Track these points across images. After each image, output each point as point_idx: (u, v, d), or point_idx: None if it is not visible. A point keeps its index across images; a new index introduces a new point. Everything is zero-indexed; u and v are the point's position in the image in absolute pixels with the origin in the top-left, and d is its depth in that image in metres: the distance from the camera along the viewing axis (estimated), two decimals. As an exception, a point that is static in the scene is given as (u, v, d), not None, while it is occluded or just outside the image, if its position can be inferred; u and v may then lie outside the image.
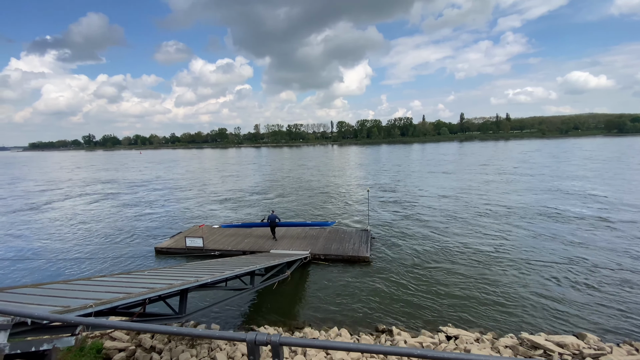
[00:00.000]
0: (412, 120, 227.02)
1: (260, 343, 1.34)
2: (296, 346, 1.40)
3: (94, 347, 8.73)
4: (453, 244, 17.01)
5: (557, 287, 12.20)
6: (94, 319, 3.08)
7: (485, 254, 15.57)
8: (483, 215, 22.56)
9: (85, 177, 58.41)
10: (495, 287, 12.32)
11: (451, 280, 12.94)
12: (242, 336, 1.36)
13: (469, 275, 13.32)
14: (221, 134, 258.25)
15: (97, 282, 5.97)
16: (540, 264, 14.19)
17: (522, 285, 12.36)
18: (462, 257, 15.31)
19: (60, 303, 4.23)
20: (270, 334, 1.35)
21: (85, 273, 15.22)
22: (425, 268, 14.24)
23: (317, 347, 1.31)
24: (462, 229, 19.66)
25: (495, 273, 13.48)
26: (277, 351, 1.29)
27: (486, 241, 17.35)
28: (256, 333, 1.36)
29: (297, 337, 1.47)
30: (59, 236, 21.41)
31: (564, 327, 9.78)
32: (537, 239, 17.43)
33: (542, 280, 12.71)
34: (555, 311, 10.64)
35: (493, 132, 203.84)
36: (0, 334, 3.25)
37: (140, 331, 8.15)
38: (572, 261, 14.41)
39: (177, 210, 28.46)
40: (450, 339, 9.31)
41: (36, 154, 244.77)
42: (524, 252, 15.62)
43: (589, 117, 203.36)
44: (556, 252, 15.46)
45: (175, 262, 16.38)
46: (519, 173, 43.40)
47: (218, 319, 10.92)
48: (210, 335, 1.65)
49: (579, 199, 26.14)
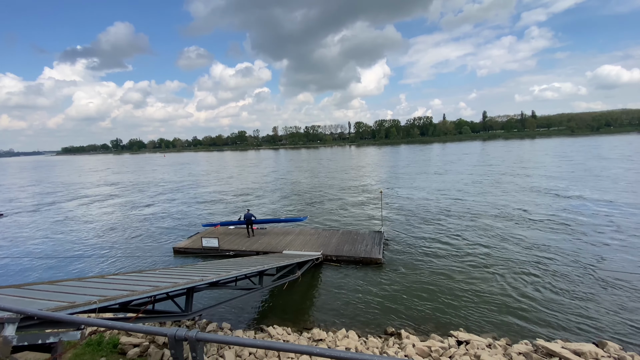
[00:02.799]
0: (432, 120, 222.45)
1: (180, 338, 1.40)
2: (215, 342, 1.43)
3: (110, 342, 9.15)
4: (469, 249, 16.54)
5: (578, 292, 11.62)
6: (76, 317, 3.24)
7: (502, 258, 15.05)
8: (503, 219, 21.81)
9: (115, 179, 61.16)
10: (512, 291, 11.89)
11: (465, 285, 12.60)
12: (164, 331, 1.42)
13: (484, 280, 12.93)
14: (241, 136, 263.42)
15: (108, 280, 6.27)
16: (560, 269, 13.57)
17: (540, 290, 11.86)
18: (477, 261, 14.87)
19: (68, 299, 4.47)
20: (190, 329, 1.40)
21: (106, 271, 15.95)
22: (438, 271, 13.93)
23: (236, 344, 1.35)
24: (479, 233, 19.08)
25: (511, 278, 13.00)
26: (194, 346, 1.34)
27: (504, 246, 16.75)
28: (177, 329, 1.41)
29: (216, 334, 1.52)
30: (86, 235, 22.52)
31: (583, 334, 9.31)
32: (561, 244, 16.67)
33: (562, 286, 12.14)
34: (574, 317, 10.15)
35: (518, 131, 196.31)
36: (8, 327, 3.48)
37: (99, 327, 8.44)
38: (596, 267, 13.68)
39: (196, 210, 29.25)
40: (461, 344, 9.07)
41: (68, 157, 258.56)
42: (544, 256, 14.97)
43: (622, 113, 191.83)
44: (580, 256, 14.73)
45: (192, 261, 16.87)
46: (558, 175, 41.62)
47: (228, 318, 11.14)
48: (137, 329, 1.72)
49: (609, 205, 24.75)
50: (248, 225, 18.83)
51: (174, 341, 1.41)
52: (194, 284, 6.47)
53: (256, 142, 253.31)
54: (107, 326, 2.02)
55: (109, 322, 2.07)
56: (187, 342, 1.36)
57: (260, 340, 1.35)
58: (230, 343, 1.41)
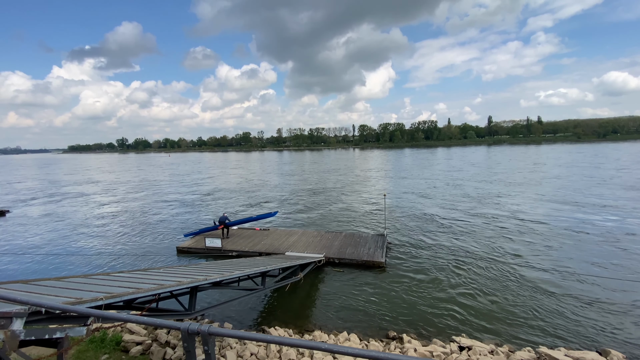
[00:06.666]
0: (437, 124, 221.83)
1: (193, 332, 1.45)
2: (226, 337, 1.48)
3: (113, 339, 9.23)
4: (472, 254, 16.46)
5: (583, 299, 11.51)
6: (92, 310, 3.30)
7: (506, 264, 14.96)
8: (509, 226, 21.69)
9: (120, 179, 61.68)
10: (516, 298, 11.81)
11: (468, 290, 12.53)
12: (177, 325, 1.47)
13: (487, 286, 12.85)
14: (245, 137, 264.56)
15: (113, 277, 6.34)
16: (564, 277, 13.46)
17: (545, 297, 11.77)
18: (481, 267, 14.79)
19: (75, 295, 4.54)
20: (203, 324, 1.44)
21: (110, 268, 16.07)
22: (441, 276, 13.88)
23: (246, 339, 1.38)
24: (484, 239, 18.99)
25: (516, 285, 12.92)
26: (206, 340, 1.39)
27: (508, 252, 16.65)
28: (189, 323, 1.46)
29: (228, 329, 1.55)
30: (97, 233, 22.72)
31: (586, 342, 9.22)
32: (566, 252, 16.54)
33: (565, 293, 12.04)
34: (577, 325, 10.06)
35: (523, 136, 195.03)
36: (16, 321, 3.54)
37: (123, 321, 8.49)
38: (601, 274, 13.55)
39: (201, 210, 29.39)
40: (463, 349, 9.02)
41: (74, 156, 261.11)
42: (548, 265, 14.86)
43: (629, 120, 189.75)
44: (584, 264, 14.61)
45: (195, 261, 16.97)
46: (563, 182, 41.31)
47: (230, 318, 11.18)
48: (151, 323, 1.77)
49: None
50: (225, 227, 19.23)
51: (187, 335, 1.45)
52: (197, 283, 6.53)
53: (260, 143, 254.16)
54: (123, 319, 2.07)
55: (125, 315, 2.13)
56: (199, 335, 1.41)
57: (270, 336, 1.38)
58: (242, 338, 1.45)
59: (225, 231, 19.31)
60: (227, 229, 19.46)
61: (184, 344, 1.52)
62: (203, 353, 1.63)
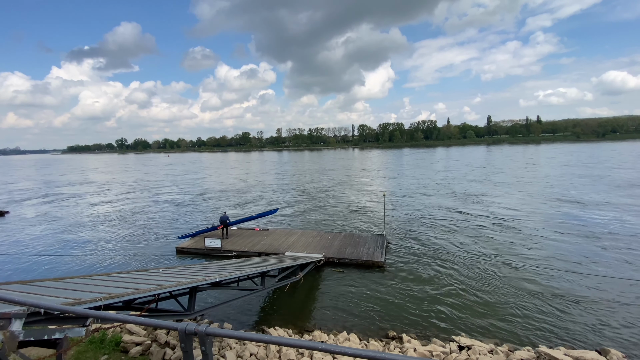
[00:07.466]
0: (437, 124, 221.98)
1: (190, 332, 1.45)
2: (223, 337, 1.48)
3: (113, 340, 9.22)
4: (472, 254, 16.47)
5: (582, 299, 11.53)
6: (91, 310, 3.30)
7: (505, 264, 14.97)
8: (508, 226, 21.71)
9: (120, 179, 61.62)
10: (515, 297, 11.82)
11: (467, 290, 12.54)
12: (174, 325, 1.47)
13: (487, 285, 12.87)
14: (244, 138, 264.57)
15: (112, 278, 6.33)
16: (564, 276, 13.47)
17: (544, 297, 11.78)
18: (481, 267, 14.80)
19: (74, 296, 4.54)
20: (200, 325, 1.45)
21: (109, 269, 16.05)
22: (440, 276, 13.89)
23: (244, 339, 1.38)
24: (483, 239, 19.00)
25: (515, 284, 12.93)
26: (203, 340, 1.39)
27: (508, 252, 16.67)
28: (187, 323, 1.47)
29: (225, 329, 1.56)
30: (90, 233, 22.70)
31: (586, 341, 9.23)
32: (565, 252, 16.56)
33: (565, 292, 12.05)
34: (576, 324, 10.07)
35: (523, 136, 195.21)
36: (15, 322, 3.54)
37: (123, 321, 8.50)
38: (600, 273, 13.57)
39: (202, 211, 29.37)
40: (463, 349, 9.03)
41: (73, 156, 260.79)
42: (548, 264, 14.88)
43: (629, 120, 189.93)
44: (583, 264, 14.63)
45: (195, 261, 16.96)
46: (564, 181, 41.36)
47: (230, 318, 11.18)
48: (149, 324, 1.77)
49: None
50: (225, 227, 19.18)
51: (184, 335, 1.45)
52: (197, 284, 6.52)
53: (260, 143, 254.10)
54: (122, 320, 2.07)
55: (123, 316, 2.13)
56: (197, 336, 1.41)
57: (269, 336, 1.39)
58: (239, 338, 1.45)
59: (225, 231, 19.30)
60: (227, 229, 19.43)
61: (182, 344, 1.53)
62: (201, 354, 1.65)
